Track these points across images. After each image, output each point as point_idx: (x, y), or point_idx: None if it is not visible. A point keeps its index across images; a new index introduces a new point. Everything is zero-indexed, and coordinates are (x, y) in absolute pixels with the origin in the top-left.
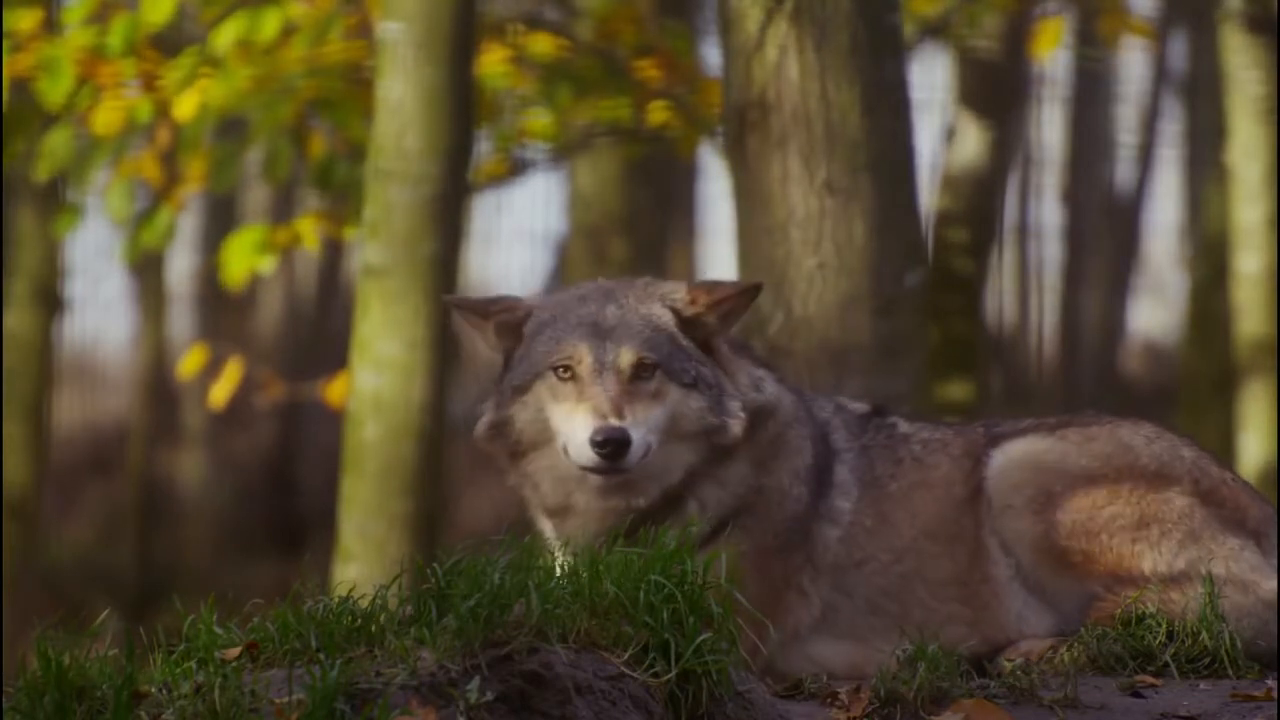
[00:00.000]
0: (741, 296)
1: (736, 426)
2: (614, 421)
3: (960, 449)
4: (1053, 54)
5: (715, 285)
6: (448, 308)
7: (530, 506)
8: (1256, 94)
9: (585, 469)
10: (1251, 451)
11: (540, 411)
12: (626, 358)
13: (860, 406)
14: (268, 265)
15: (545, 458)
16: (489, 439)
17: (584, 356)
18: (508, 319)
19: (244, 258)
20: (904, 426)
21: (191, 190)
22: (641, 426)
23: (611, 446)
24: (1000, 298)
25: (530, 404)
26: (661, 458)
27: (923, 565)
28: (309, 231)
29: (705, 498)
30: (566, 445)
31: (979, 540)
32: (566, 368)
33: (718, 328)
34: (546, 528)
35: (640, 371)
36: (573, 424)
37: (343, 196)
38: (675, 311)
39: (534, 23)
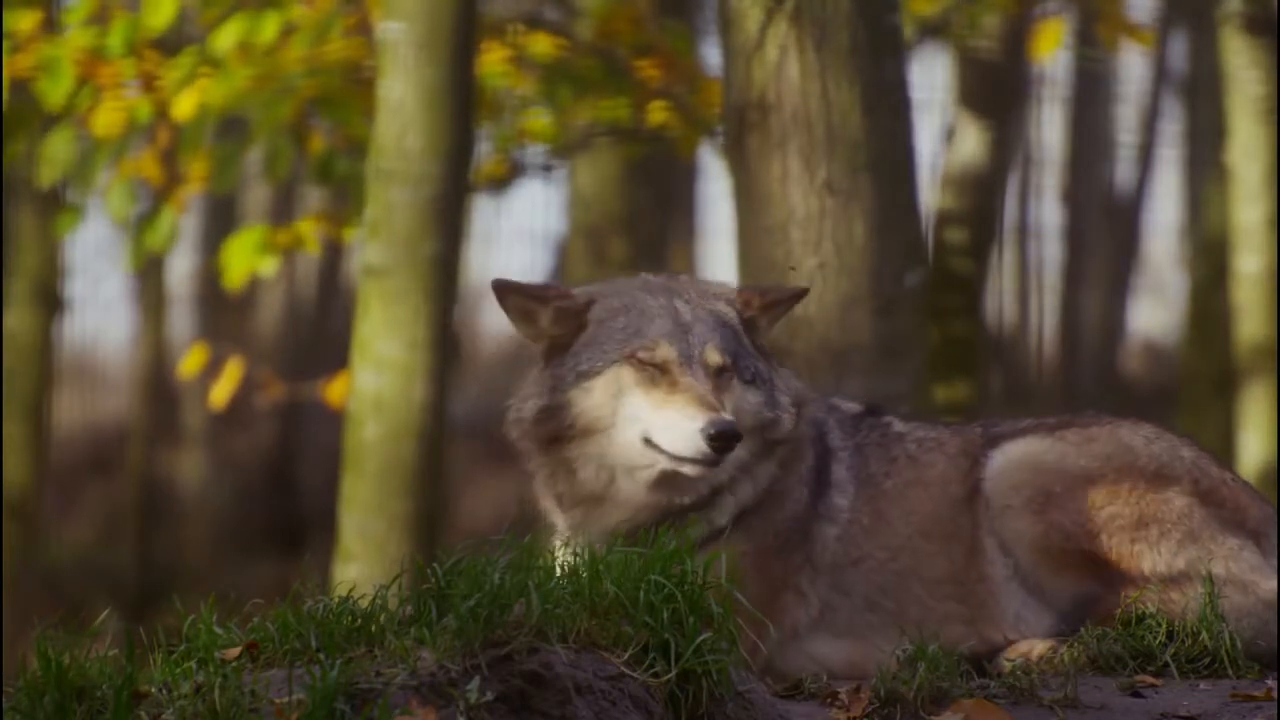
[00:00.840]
0: (791, 300)
1: (789, 421)
2: (725, 416)
3: (956, 448)
4: (1053, 54)
5: (766, 289)
6: (499, 292)
7: (549, 496)
8: (1256, 94)
9: (684, 459)
10: (1251, 451)
11: (613, 398)
12: (712, 355)
13: (854, 406)
14: (269, 266)
15: (594, 444)
16: (538, 422)
17: (670, 349)
18: (568, 305)
19: (245, 259)
20: (898, 425)
21: (193, 191)
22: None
23: (723, 441)
24: (1000, 298)
25: (597, 390)
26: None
27: (919, 563)
28: (310, 233)
29: (737, 494)
30: (655, 435)
31: (976, 539)
32: (650, 359)
33: (765, 329)
34: (561, 520)
35: (721, 368)
36: (672, 415)
37: (343, 197)
38: (737, 310)
39: (534, 23)
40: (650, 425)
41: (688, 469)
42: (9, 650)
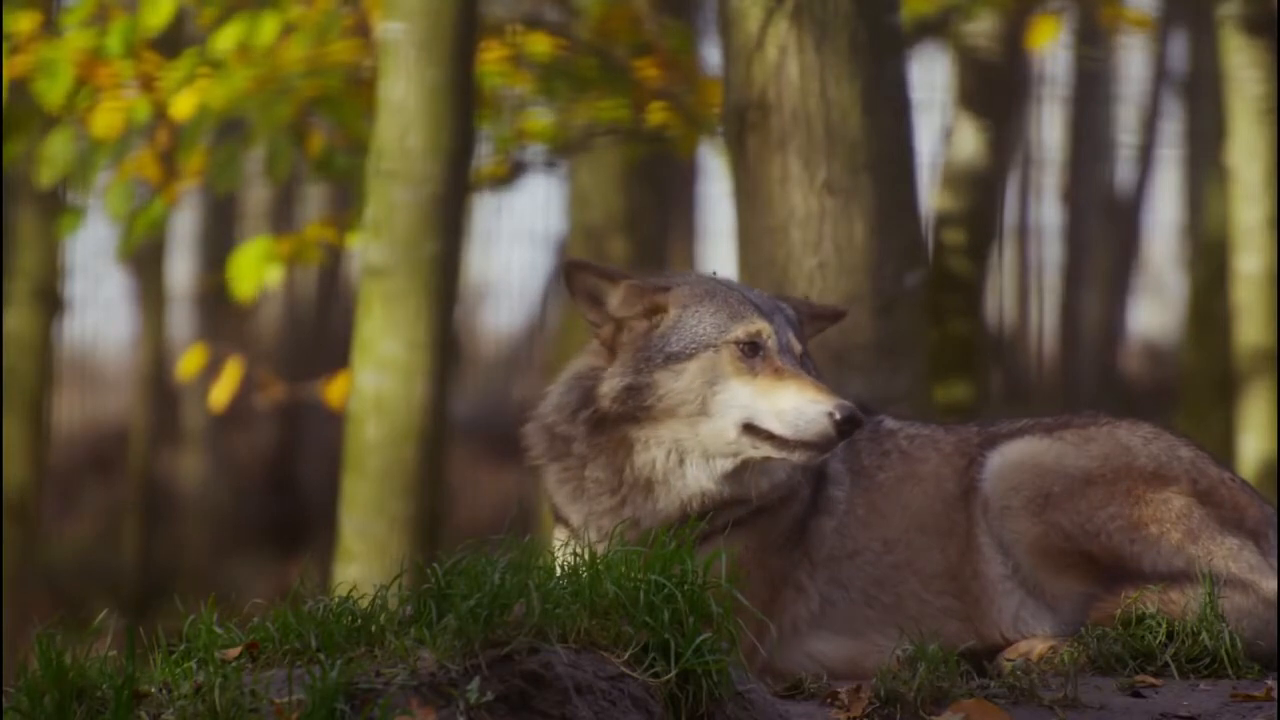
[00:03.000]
0: (830, 319)
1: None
2: (847, 401)
3: (951, 446)
4: (1053, 53)
5: (812, 304)
6: (569, 270)
7: (571, 485)
8: (1256, 94)
9: (804, 444)
10: (1251, 452)
11: (706, 384)
12: (797, 345)
13: None
14: (275, 276)
15: (669, 429)
16: (619, 400)
17: (771, 336)
18: (642, 286)
19: (253, 270)
20: (890, 423)
21: (188, 186)
22: None
23: (851, 425)
24: (1000, 298)
25: (689, 373)
26: None
27: (914, 556)
28: (313, 241)
29: (760, 487)
30: (763, 421)
31: (971, 537)
32: (754, 344)
33: (809, 334)
34: (577, 513)
35: (805, 356)
36: (791, 399)
37: (344, 199)
38: (799, 313)
39: (533, 23)
40: (757, 411)
41: (800, 455)
42: (9, 650)
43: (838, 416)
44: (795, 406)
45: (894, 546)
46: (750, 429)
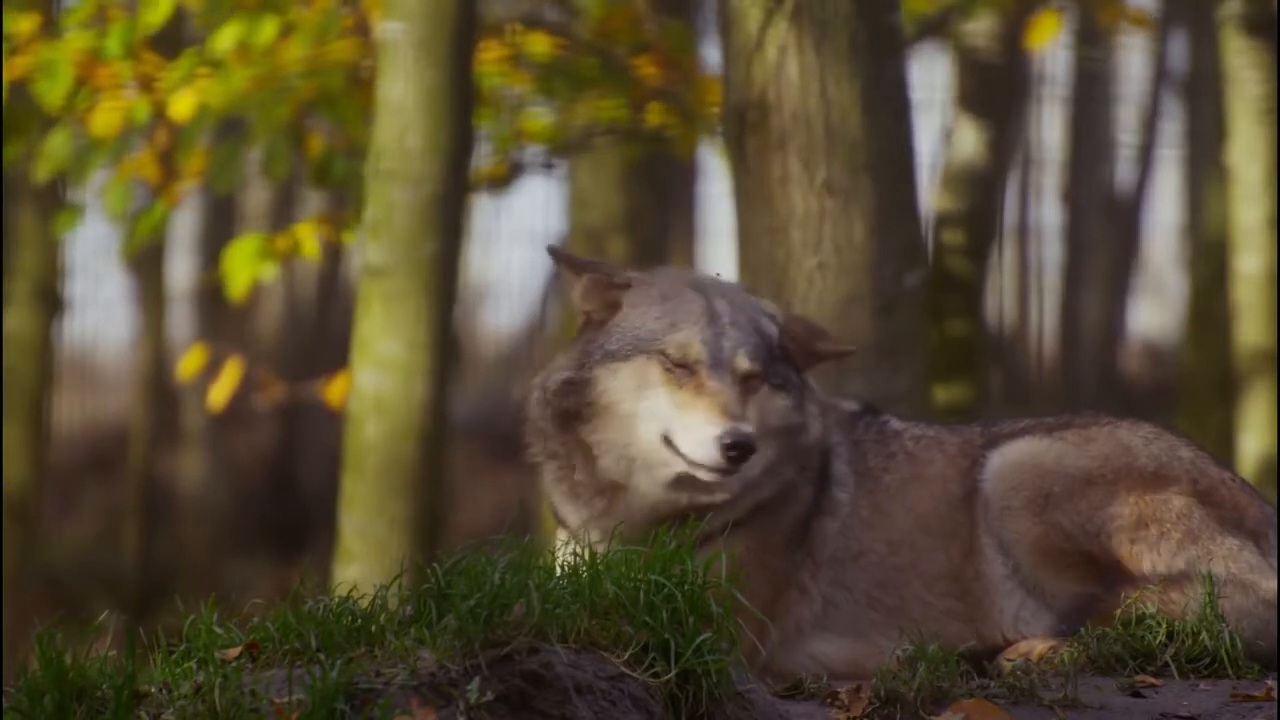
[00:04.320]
0: (834, 356)
1: (817, 427)
2: (743, 426)
3: (955, 447)
4: (1053, 53)
5: (813, 332)
6: (550, 257)
7: (564, 485)
8: (1256, 94)
9: (699, 465)
10: (1251, 452)
11: (637, 389)
12: (741, 361)
13: (851, 404)
14: (269, 272)
15: (615, 431)
16: (560, 394)
17: (701, 350)
18: (603, 280)
19: (245, 267)
20: (895, 424)
21: (188, 186)
22: (757, 430)
23: (739, 451)
24: (1000, 298)
25: (625, 374)
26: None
27: (918, 559)
28: (308, 237)
29: (760, 491)
30: (675, 436)
31: (973, 538)
32: (681, 358)
33: (801, 364)
34: (574, 514)
35: (750, 375)
36: (692, 418)
37: (342, 199)
38: (780, 330)
39: (532, 22)
40: (670, 425)
41: (702, 475)
42: (9, 650)
43: (726, 442)
44: (696, 426)
45: (898, 549)
46: (667, 441)
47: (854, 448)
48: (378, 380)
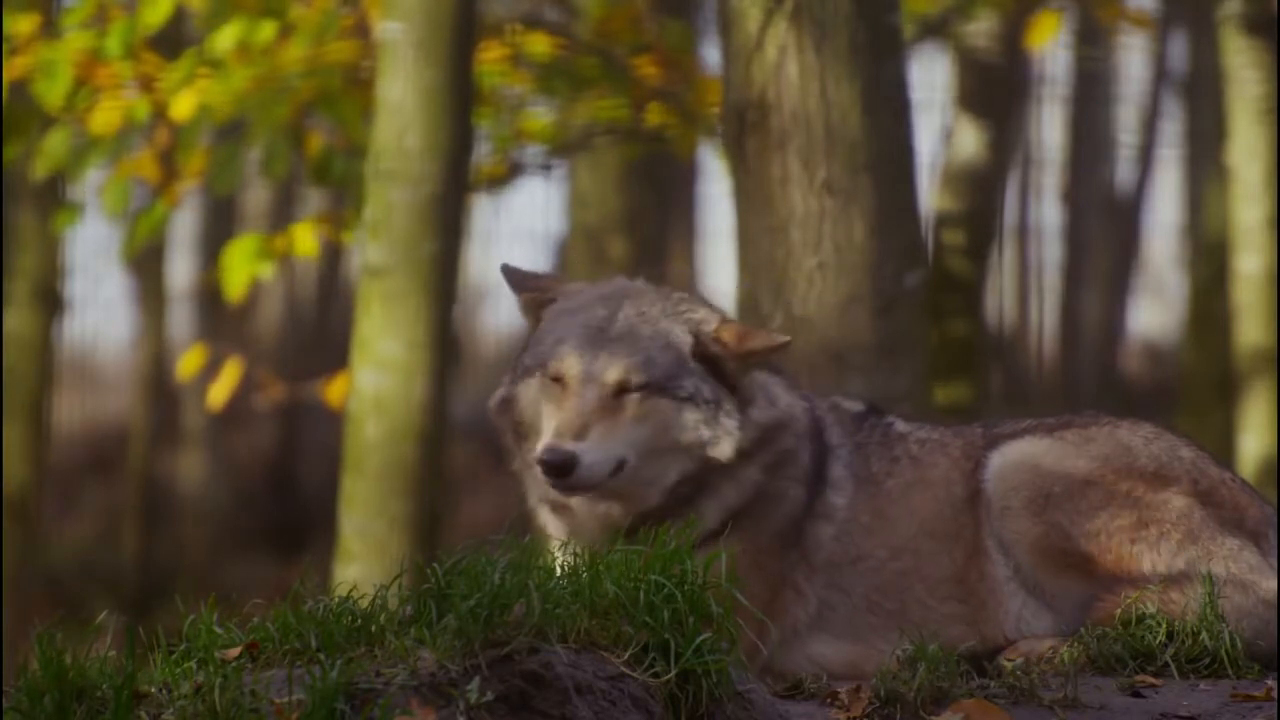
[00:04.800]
0: (769, 353)
1: (728, 444)
2: (565, 444)
3: (959, 450)
4: (1053, 53)
5: (746, 333)
6: (505, 275)
7: (530, 495)
8: (1256, 94)
9: (541, 481)
10: (1251, 452)
11: (533, 405)
12: (613, 373)
13: (856, 405)
14: (267, 272)
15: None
16: (499, 413)
17: (573, 367)
18: (533, 299)
19: (244, 267)
20: (900, 426)
21: (188, 186)
22: (606, 446)
23: (550, 468)
24: (1000, 298)
25: (528, 391)
26: (651, 470)
27: (920, 563)
28: (307, 237)
29: (716, 499)
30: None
31: (978, 540)
32: (555, 373)
33: (736, 369)
34: (548, 520)
35: (624, 387)
36: (543, 432)
37: (342, 198)
38: (697, 338)
39: (532, 22)
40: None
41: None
42: (9, 650)
43: (542, 459)
44: (539, 439)
45: (900, 553)
46: None
47: (857, 450)
48: (377, 380)
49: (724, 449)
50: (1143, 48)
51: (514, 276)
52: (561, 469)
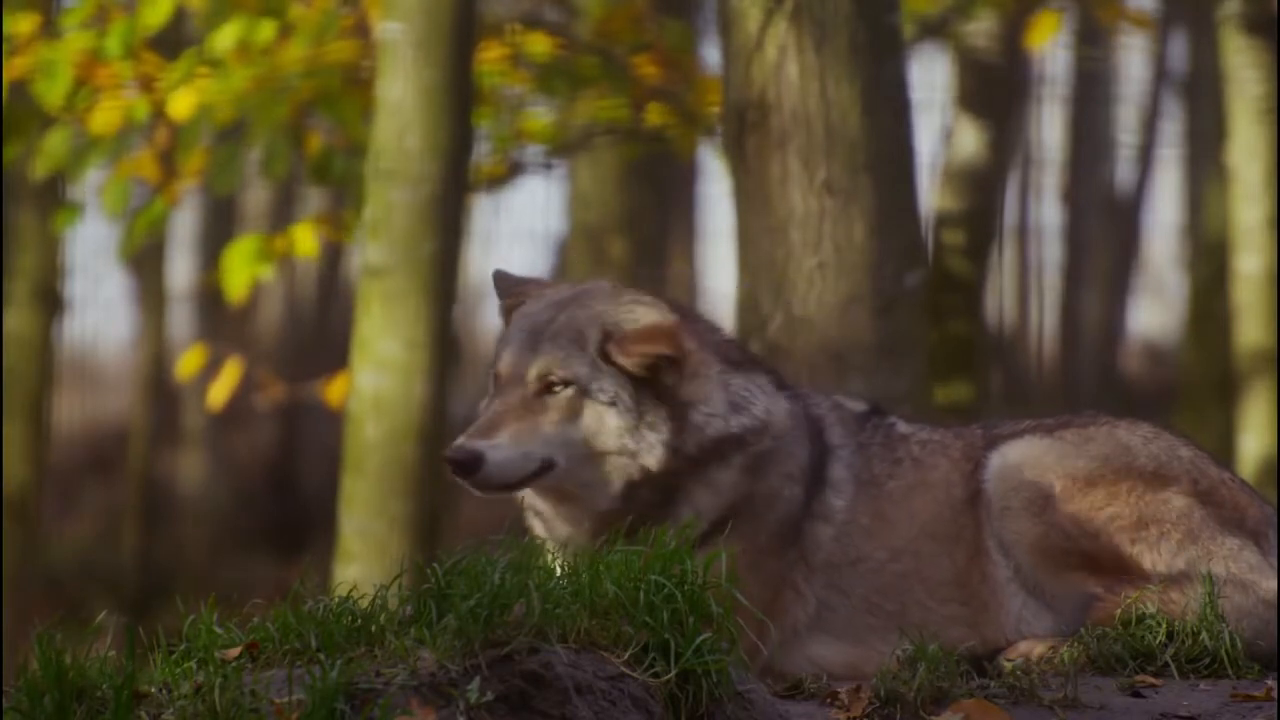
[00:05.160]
0: (653, 359)
1: (651, 458)
2: (472, 442)
3: (960, 451)
4: (1053, 53)
5: (631, 338)
6: (495, 280)
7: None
8: (1256, 94)
9: None
10: (1251, 452)
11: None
12: (534, 370)
13: (859, 405)
14: (267, 273)
15: None
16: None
17: (505, 366)
18: (508, 304)
19: (244, 268)
20: (903, 427)
21: (187, 185)
22: (518, 445)
23: (454, 465)
24: (1000, 298)
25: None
26: (589, 473)
27: (921, 565)
28: (307, 237)
29: (689, 504)
30: None
31: (979, 541)
32: (496, 372)
33: (629, 367)
34: (533, 522)
35: (549, 385)
36: None
37: (341, 198)
38: (602, 340)
39: (532, 22)
40: None
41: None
42: (9, 650)
43: (445, 455)
44: None
45: (900, 555)
46: None
47: (859, 451)
48: (377, 380)
49: (649, 460)
50: (1143, 48)
51: (502, 282)
52: (465, 467)
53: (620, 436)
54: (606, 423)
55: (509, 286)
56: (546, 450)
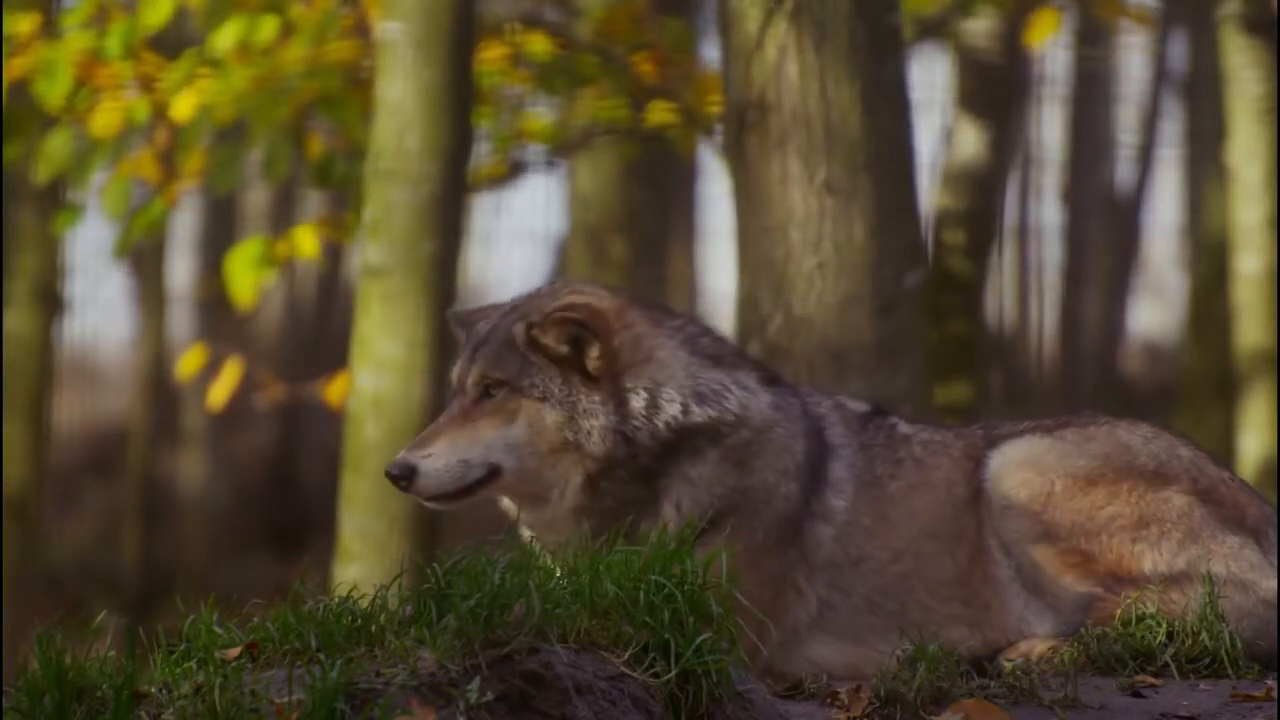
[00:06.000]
0: (575, 328)
1: (592, 446)
2: (408, 456)
3: (961, 451)
4: (1053, 53)
5: (548, 315)
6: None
7: None
8: (1256, 94)
9: None
10: (1251, 452)
11: None
12: (472, 377)
13: (860, 405)
14: (271, 277)
15: None
16: None
17: (454, 378)
18: (466, 335)
19: (248, 272)
20: (904, 427)
21: (187, 186)
22: (452, 453)
23: (392, 480)
24: (1000, 298)
25: None
26: (545, 471)
27: (922, 565)
28: (308, 239)
29: (670, 500)
30: None
31: (980, 540)
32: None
33: (563, 354)
34: (525, 531)
35: (487, 390)
36: None
37: (342, 200)
38: (530, 325)
39: (532, 22)
40: None
41: None
42: (9, 650)
43: (385, 471)
44: None
45: (902, 556)
46: None
47: (860, 451)
48: (377, 380)
49: (592, 448)
50: (1143, 47)
51: (456, 319)
52: (399, 479)
53: (560, 430)
54: (544, 419)
55: (464, 318)
56: (488, 455)
